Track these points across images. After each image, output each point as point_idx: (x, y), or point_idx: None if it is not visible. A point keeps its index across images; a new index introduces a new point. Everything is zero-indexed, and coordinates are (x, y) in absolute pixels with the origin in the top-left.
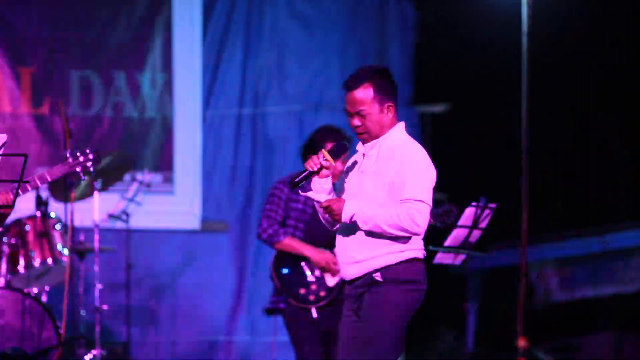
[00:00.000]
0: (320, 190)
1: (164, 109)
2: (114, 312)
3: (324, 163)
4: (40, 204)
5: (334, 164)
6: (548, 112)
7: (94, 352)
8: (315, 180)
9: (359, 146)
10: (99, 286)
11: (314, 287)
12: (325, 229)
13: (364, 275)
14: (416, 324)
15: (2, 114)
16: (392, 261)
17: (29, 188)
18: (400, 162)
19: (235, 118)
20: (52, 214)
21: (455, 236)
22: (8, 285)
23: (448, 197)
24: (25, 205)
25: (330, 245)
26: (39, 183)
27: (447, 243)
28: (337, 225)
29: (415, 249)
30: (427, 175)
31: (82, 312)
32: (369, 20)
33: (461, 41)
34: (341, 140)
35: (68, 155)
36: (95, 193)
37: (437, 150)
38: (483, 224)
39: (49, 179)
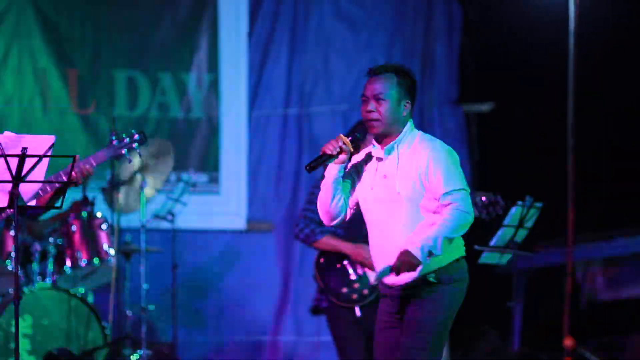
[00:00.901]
0: (331, 177)
1: (209, 109)
2: (160, 312)
3: (343, 147)
4: (87, 204)
5: (352, 150)
6: (594, 111)
7: (140, 352)
8: (331, 166)
9: (370, 150)
10: (145, 286)
11: (356, 285)
12: (364, 232)
13: (417, 279)
14: (462, 323)
15: (49, 114)
16: (444, 263)
17: (77, 176)
18: (425, 158)
19: (281, 118)
20: (99, 214)
21: (501, 235)
22: (54, 286)
23: (495, 193)
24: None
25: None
26: (88, 167)
27: (493, 242)
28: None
29: (460, 246)
30: (454, 160)
31: (129, 313)
32: (414, 20)
33: (507, 40)
34: (365, 130)
35: (113, 138)
36: (142, 193)
37: (482, 150)
38: (529, 224)
39: (94, 164)
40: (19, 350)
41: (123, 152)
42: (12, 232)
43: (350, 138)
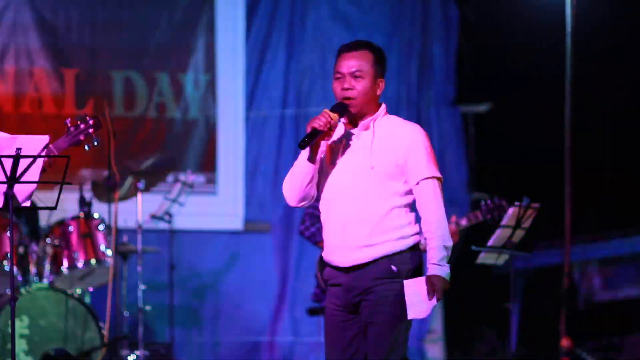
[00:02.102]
0: (316, 154)
1: (207, 110)
2: (157, 313)
3: (332, 122)
4: (84, 204)
5: (337, 124)
6: (591, 112)
7: (137, 352)
8: (307, 149)
9: (340, 127)
10: (142, 287)
11: None
12: None
13: (374, 261)
14: (459, 324)
15: (46, 115)
16: (403, 246)
17: (46, 168)
18: (406, 140)
19: (278, 119)
20: (96, 215)
21: (498, 236)
22: (51, 286)
23: (490, 196)
24: (68, 206)
25: None
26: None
27: (490, 243)
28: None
29: (419, 233)
30: (430, 146)
31: (125, 313)
32: (412, 21)
33: (504, 41)
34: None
35: (69, 125)
36: (139, 194)
37: (480, 150)
38: (526, 224)
39: (56, 153)
40: (16, 350)
41: (82, 137)
42: (8, 233)
43: (337, 112)
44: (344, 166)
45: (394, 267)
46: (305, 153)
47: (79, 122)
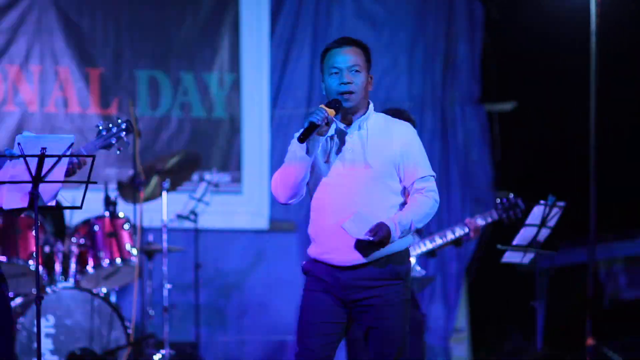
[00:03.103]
0: (313, 150)
1: (232, 109)
2: (183, 312)
3: (329, 118)
4: (109, 204)
5: (333, 120)
6: (616, 110)
7: (163, 351)
8: (303, 144)
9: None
10: (167, 286)
11: None
12: None
13: (375, 261)
14: (485, 323)
15: (71, 115)
16: (402, 247)
17: (76, 170)
18: (401, 140)
19: (303, 117)
20: (121, 214)
21: (523, 235)
22: (77, 286)
23: (515, 195)
24: (94, 206)
25: None
26: (81, 158)
27: (515, 242)
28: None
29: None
30: (423, 147)
31: (151, 312)
32: (437, 19)
33: (529, 39)
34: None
35: (101, 127)
36: (164, 193)
37: (505, 149)
38: (551, 223)
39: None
40: (42, 350)
41: (112, 141)
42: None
43: (333, 108)
44: (338, 166)
45: (396, 268)
46: (301, 149)
47: (110, 125)
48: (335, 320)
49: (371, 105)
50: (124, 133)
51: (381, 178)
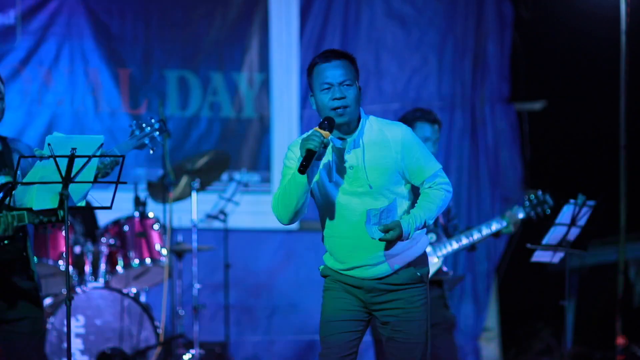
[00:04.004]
0: (312, 175)
1: (261, 109)
2: (213, 312)
3: (324, 141)
4: (139, 204)
5: (329, 140)
6: None
7: (193, 351)
8: (299, 169)
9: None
10: (197, 286)
11: None
12: None
13: (406, 266)
14: (515, 322)
15: (100, 114)
16: (420, 250)
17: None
18: (398, 145)
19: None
20: (151, 214)
21: (553, 234)
22: (107, 286)
23: (543, 192)
24: (123, 206)
25: None
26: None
27: (545, 241)
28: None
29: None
30: (421, 143)
31: (181, 312)
32: (466, 18)
33: (559, 38)
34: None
35: (134, 128)
36: (193, 193)
37: (534, 148)
38: (581, 222)
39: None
40: (72, 350)
41: (146, 141)
42: (63, 233)
43: (326, 129)
44: (343, 184)
45: (418, 273)
46: (299, 175)
47: (144, 125)
48: (356, 318)
49: (362, 115)
50: (157, 133)
51: (386, 189)
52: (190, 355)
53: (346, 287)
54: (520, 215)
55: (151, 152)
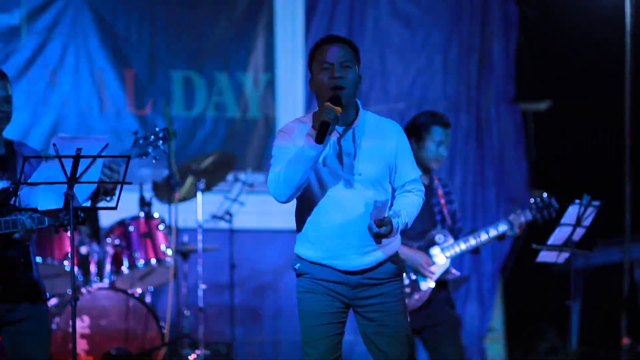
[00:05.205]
0: (321, 149)
1: (266, 109)
2: (218, 312)
3: (337, 114)
4: (144, 204)
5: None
6: None
7: (198, 352)
8: (312, 140)
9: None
10: (202, 286)
11: (407, 290)
12: (419, 229)
13: (386, 260)
14: (520, 322)
15: (106, 115)
16: (397, 247)
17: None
18: (394, 142)
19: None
20: (156, 215)
21: (558, 234)
22: (112, 286)
23: (549, 194)
24: (129, 206)
25: (425, 246)
26: (115, 165)
27: (550, 241)
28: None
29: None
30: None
31: (186, 312)
32: (471, 18)
33: (564, 38)
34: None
35: (138, 136)
36: (199, 193)
37: (540, 148)
38: (587, 222)
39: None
40: (77, 350)
41: (149, 150)
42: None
43: (337, 105)
44: (334, 170)
45: (396, 266)
46: (313, 148)
47: (148, 134)
48: (339, 320)
49: (360, 105)
50: (161, 142)
51: (377, 181)
52: (195, 356)
53: (327, 285)
54: (526, 219)
55: (154, 161)
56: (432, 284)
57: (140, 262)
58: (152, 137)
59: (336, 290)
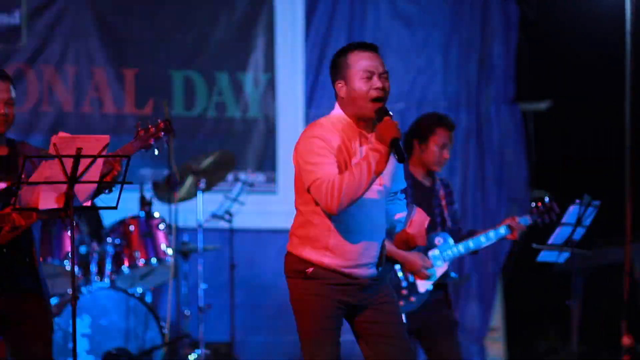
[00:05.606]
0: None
1: (266, 109)
2: (218, 312)
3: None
4: (144, 204)
5: None
6: None
7: (198, 351)
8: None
9: (349, 132)
10: (202, 286)
11: (404, 292)
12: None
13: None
14: (520, 322)
15: (106, 115)
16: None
17: (115, 172)
18: None
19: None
20: (156, 214)
21: (559, 234)
22: (112, 286)
23: (551, 194)
24: (129, 206)
25: (424, 249)
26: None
27: (550, 241)
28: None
29: None
30: None
31: (186, 312)
32: (471, 18)
33: (564, 38)
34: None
35: (139, 128)
36: (199, 193)
37: (540, 148)
38: (587, 222)
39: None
40: (78, 350)
41: (151, 142)
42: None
43: (383, 115)
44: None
45: (389, 268)
46: (378, 163)
47: (149, 126)
48: (341, 325)
49: None
50: (163, 133)
51: (390, 192)
52: (195, 356)
53: (338, 289)
54: (527, 223)
55: (156, 152)
56: (430, 287)
57: (141, 262)
58: (154, 128)
59: (347, 292)
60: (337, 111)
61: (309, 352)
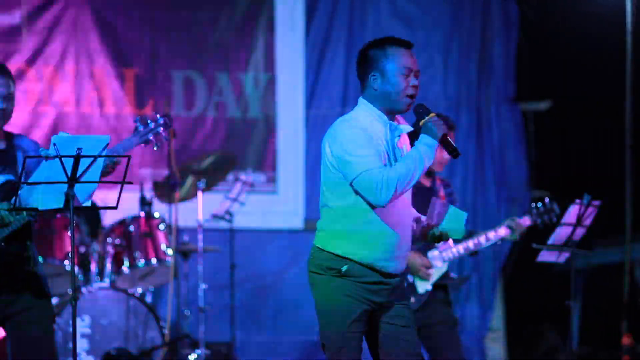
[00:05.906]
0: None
1: (266, 109)
2: (218, 312)
3: None
4: (145, 204)
5: None
6: None
7: (198, 351)
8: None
9: (380, 123)
10: (203, 286)
11: None
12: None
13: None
14: (520, 322)
15: (106, 115)
16: None
17: (110, 171)
18: None
19: (338, 117)
20: (156, 214)
21: (559, 234)
22: (112, 286)
23: (551, 194)
24: (129, 206)
25: (424, 249)
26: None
27: (550, 241)
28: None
29: None
30: None
31: (186, 312)
32: (471, 18)
33: (564, 38)
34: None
35: (138, 123)
36: (199, 193)
37: (540, 148)
38: (587, 222)
39: (123, 152)
40: (78, 350)
41: (150, 137)
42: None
43: (423, 113)
44: None
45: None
46: (430, 156)
47: (148, 121)
48: (365, 330)
49: None
50: (162, 129)
51: None
52: (195, 356)
53: (367, 289)
54: (527, 224)
55: (155, 148)
56: (429, 287)
57: (141, 262)
58: (152, 123)
59: (378, 293)
60: (366, 105)
61: (332, 353)
